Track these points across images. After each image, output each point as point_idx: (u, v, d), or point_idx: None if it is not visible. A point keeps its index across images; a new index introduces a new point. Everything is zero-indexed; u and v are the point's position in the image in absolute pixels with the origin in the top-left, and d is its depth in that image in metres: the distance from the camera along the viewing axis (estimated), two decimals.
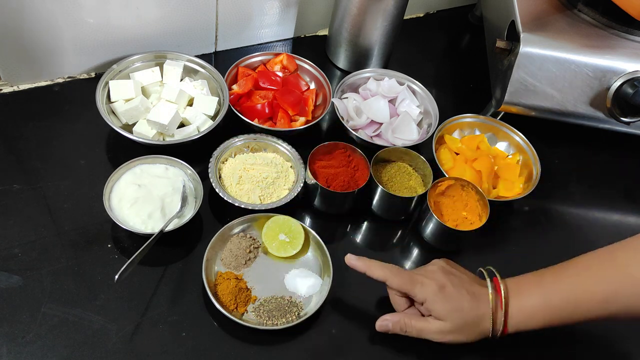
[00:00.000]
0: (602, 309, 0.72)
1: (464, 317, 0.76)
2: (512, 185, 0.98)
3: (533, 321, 0.76)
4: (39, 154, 0.92)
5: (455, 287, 0.77)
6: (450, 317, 0.76)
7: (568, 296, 0.74)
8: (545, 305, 0.75)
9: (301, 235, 0.87)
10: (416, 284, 0.77)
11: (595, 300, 0.72)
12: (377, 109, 1.02)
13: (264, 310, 0.80)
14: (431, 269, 0.80)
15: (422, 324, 0.78)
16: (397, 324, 0.79)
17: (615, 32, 0.99)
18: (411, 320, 0.78)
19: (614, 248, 0.75)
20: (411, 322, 0.78)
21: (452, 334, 0.77)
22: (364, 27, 1.07)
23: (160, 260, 0.84)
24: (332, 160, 0.94)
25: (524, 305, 0.76)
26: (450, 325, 0.76)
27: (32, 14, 0.90)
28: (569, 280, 0.75)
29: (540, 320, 0.75)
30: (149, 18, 1.00)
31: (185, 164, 0.89)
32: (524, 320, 0.76)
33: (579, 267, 0.75)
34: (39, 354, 0.73)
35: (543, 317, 0.75)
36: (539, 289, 0.76)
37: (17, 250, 0.81)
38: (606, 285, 0.72)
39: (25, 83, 1.00)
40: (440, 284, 0.77)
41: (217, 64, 1.09)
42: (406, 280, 0.78)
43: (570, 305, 0.74)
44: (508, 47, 0.98)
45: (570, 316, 0.74)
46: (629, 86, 0.94)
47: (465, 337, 0.78)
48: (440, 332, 0.77)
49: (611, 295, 0.72)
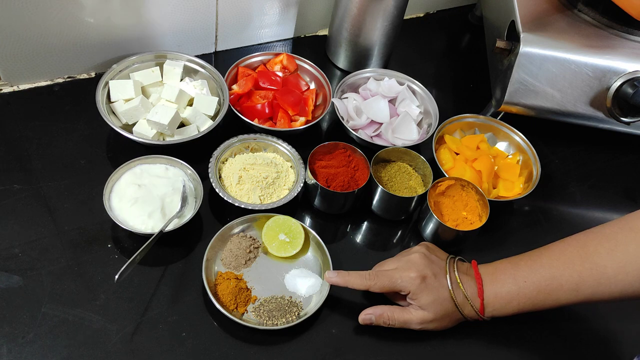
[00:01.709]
0: (572, 296, 0.77)
1: (445, 307, 0.80)
2: (512, 185, 0.98)
3: (507, 308, 0.79)
4: (39, 154, 0.92)
5: (437, 276, 0.80)
6: (432, 307, 0.79)
7: (540, 285, 0.78)
8: (519, 293, 0.79)
9: (301, 235, 0.87)
10: (396, 280, 0.80)
11: (565, 289, 0.77)
12: (377, 109, 1.02)
13: (264, 310, 0.80)
14: (412, 258, 0.82)
15: (405, 316, 0.80)
16: (380, 317, 0.81)
17: (615, 32, 0.99)
18: (394, 312, 0.81)
19: (586, 237, 0.79)
20: (394, 314, 0.81)
21: (433, 323, 0.80)
22: (364, 27, 1.07)
23: (160, 260, 0.84)
24: (332, 160, 0.94)
25: (499, 292, 0.79)
26: (433, 314, 0.79)
27: (32, 14, 0.90)
28: (542, 270, 0.78)
29: (514, 307, 0.79)
30: (149, 18, 1.00)
31: (185, 164, 0.89)
32: (499, 307, 0.80)
33: (552, 257, 0.79)
34: (39, 354, 0.73)
35: (517, 304, 0.79)
36: (514, 278, 0.79)
37: (17, 250, 0.81)
38: (576, 275, 0.76)
39: (25, 83, 1.00)
40: (422, 274, 0.79)
41: (217, 64, 1.09)
42: (386, 281, 0.80)
43: (542, 293, 0.78)
44: (508, 47, 0.98)
45: (542, 303, 0.79)
46: (629, 86, 0.94)
47: (446, 324, 0.81)
48: (422, 321, 0.80)
49: (580, 284, 0.76)
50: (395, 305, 0.83)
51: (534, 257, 0.80)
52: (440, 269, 0.81)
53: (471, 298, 0.79)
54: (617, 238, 0.76)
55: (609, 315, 0.90)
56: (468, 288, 0.80)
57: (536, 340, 0.86)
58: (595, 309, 0.91)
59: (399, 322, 0.81)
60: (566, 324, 0.88)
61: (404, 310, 0.81)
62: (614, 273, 0.75)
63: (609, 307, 0.91)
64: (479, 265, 0.83)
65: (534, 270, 0.79)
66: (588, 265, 0.76)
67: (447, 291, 0.79)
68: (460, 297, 0.80)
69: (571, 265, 0.77)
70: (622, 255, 0.75)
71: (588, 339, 0.88)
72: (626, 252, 0.75)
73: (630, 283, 0.74)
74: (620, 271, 0.74)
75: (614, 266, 0.75)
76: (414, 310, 0.80)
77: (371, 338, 0.82)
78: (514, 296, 0.79)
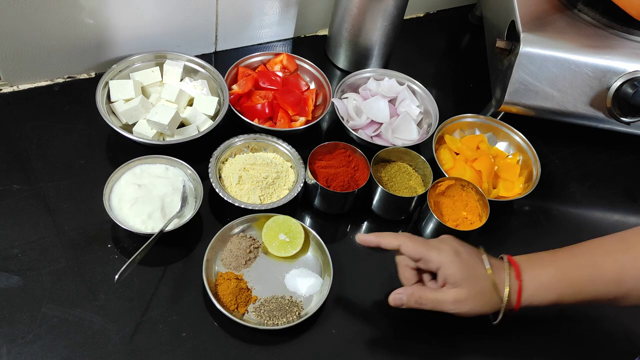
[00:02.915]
0: (613, 288, 0.72)
1: (480, 284, 0.74)
2: (512, 185, 0.98)
3: (546, 293, 0.74)
4: (39, 154, 0.92)
5: (471, 255, 0.76)
6: (466, 283, 0.74)
7: (582, 271, 0.73)
8: (560, 278, 0.74)
9: (301, 235, 0.87)
10: (432, 249, 0.76)
11: (607, 277, 0.72)
12: (377, 109, 1.02)
13: (265, 310, 0.80)
14: (444, 238, 0.78)
15: (438, 295, 0.75)
16: (411, 297, 0.76)
17: (615, 32, 0.99)
18: (425, 291, 0.76)
19: (624, 233, 0.76)
20: (426, 293, 0.76)
21: (467, 302, 0.74)
22: (364, 27, 1.07)
23: (160, 260, 0.84)
24: (332, 160, 0.94)
25: (538, 275, 0.74)
26: (467, 292, 0.74)
27: (33, 15, 0.90)
28: (584, 257, 0.74)
29: (553, 294, 0.74)
30: (149, 18, 0.99)
31: (185, 164, 0.89)
32: (537, 292, 0.74)
33: (592, 247, 0.75)
34: (39, 354, 0.73)
35: (556, 290, 0.74)
36: (553, 263, 0.75)
37: (17, 250, 0.81)
38: (618, 264, 0.72)
39: (25, 83, 1.00)
40: (455, 250, 0.75)
41: (217, 64, 1.09)
42: (421, 244, 0.76)
43: (584, 280, 0.73)
44: (508, 47, 0.98)
45: (581, 292, 0.73)
46: (629, 86, 0.94)
47: (480, 306, 0.75)
48: (456, 300, 0.74)
49: (622, 274, 0.72)
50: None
51: (572, 248, 0.76)
52: (474, 250, 0.77)
53: (509, 280, 0.74)
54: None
55: (611, 316, 0.90)
56: (505, 271, 0.74)
57: (537, 340, 0.86)
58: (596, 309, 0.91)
59: (430, 301, 0.75)
60: (567, 324, 0.88)
61: (437, 289, 0.76)
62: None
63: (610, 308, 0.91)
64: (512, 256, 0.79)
65: (574, 256, 0.75)
66: (631, 255, 0.72)
67: (483, 268, 0.74)
68: (498, 277, 0.74)
69: (613, 254, 0.73)
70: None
71: (589, 339, 0.88)
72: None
73: None
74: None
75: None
76: (447, 289, 0.75)
77: (371, 338, 0.82)
78: (554, 281, 0.74)
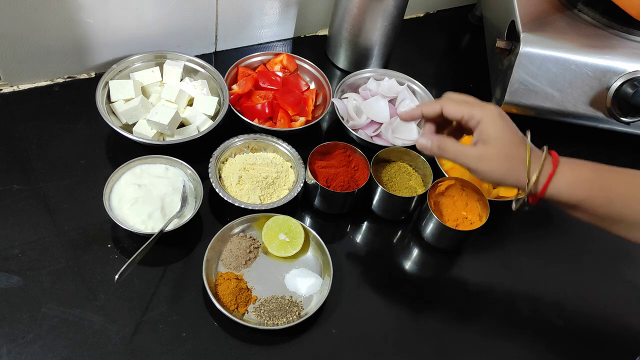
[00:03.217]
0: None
1: (513, 149, 0.71)
2: None
3: (576, 189, 0.70)
4: (39, 154, 0.92)
5: (513, 124, 0.73)
6: (498, 142, 0.71)
7: (620, 183, 0.70)
8: (595, 179, 0.70)
9: (301, 235, 0.87)
10: (475, 106, 0.73)
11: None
12: (377, 109, 1.02)
13: (265, 310, 0.80)
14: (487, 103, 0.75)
15: (462, 147, 0.73)
16: (436, 143, 0.73)
17: (615, 32, 0.99)
18: (451, 141, 0.74)
19: None
20: (451, 142, 0.73)
21: (492, 162, 0.71)
22: (364, 27, 1.07)
23: (160, 260, 0.84)
24: (332, 160, 0.94)
25: (575, 169, 0.71)
26: (495, 151, 0.71)
27: (33, 15, 0.90)
28: (628, 174, 0.71)
29: (582, 192, 0.70)
30: (149, 18, 0.99)
31: (185, 164, 0.89)
32: (568, 185, 0.70)
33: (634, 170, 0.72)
34: (39, 354, 0.73)
35: (587, 190, 0.70)
36: (594, 166, 0.72)
37: (17, 250, 0.81)
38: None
39: (25, 83, 1.00)
40: (500, 112, 0.72)
41: (217, 64, 1.09)
42: (464, 103, 0.74)
43: (619, 191, 0.70)
44: (508, 47, 0.98)
45: (612, 203, 0.70)
46: (629, 86, 0.94)
47: (504, 170, 0.71)
48: (481, 156, 0.71)
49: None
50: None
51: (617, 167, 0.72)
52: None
53: (544, 161, 0.70)
54: None
55: (611, 316, 0.90)
56: (543, 153, 0.71)
57: (537, 340, 0.86)
58: (595, 308, 0.91)
59: (454, 151, 0.73)
60: (567, 324, 0.88)
61: (464, 144, 0.73)
62: None
63: (610, 307, 0.91)
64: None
65: (618, 171, 0.71)
66: None
67: (521, 138, 0.71)
68: (534, 154, 0.71)
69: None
70: None
71: (589, 339, 0.88)
72: None
73: None
74: None
75: None
76: (475, 146, 0.72)
77: (371, 338, 0.82)
78: (587, 181, 0.70)
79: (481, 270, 0.93)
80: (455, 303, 0.88)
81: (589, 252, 0.98)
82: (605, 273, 0.96)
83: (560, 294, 0.92)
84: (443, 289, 0.90)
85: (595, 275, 0.95)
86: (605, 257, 0.98)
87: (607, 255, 0.98)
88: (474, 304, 0.89)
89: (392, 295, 0.87)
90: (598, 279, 0.95)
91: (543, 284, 0.92)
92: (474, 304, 0.89)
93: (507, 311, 0.89)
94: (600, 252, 0.98)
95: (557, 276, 0.94)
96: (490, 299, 0.90)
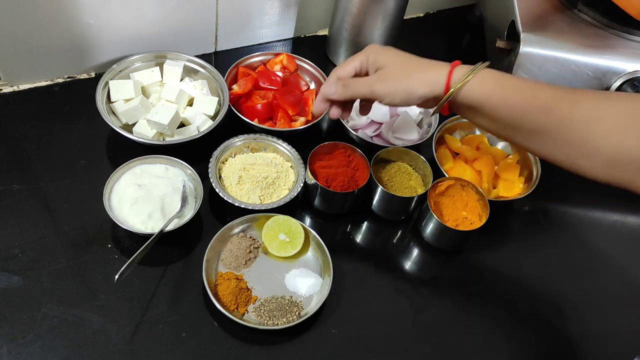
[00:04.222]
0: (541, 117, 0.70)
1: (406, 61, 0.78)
2: (512, 185, 0.98)
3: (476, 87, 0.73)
4: (39, 154, 0.92)
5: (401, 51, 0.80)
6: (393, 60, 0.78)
7: (520, 87, 0.72)
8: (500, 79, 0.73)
9: (301, 235, 0.87)
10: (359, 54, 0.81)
11: (538, 103, 0.71)
12: (377, 109, 1.02)
13: (265, 310, 0.80)
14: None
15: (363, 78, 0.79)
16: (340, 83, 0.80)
17: (615, 32, 0.99)
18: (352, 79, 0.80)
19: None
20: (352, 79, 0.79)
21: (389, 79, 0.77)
22: (364, 27, 1.07)
23: (160, 260, 0.84)
24: (332, 160, 0.94)
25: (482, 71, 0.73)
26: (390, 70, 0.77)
27: (33, 15, 0.90)
28: (524, 80, 0.74)
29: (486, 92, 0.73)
30: (149, 18, 0.99)
31: (185, 164, 0.89)
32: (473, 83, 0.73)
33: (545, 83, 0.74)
34: (39, 354, 0.73)
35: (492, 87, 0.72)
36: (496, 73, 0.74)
37: (17, 250, 0.81)
38: (556, 99, 0.70)
39: (25, 83, 1.00)
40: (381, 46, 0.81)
41: (217, 64, 1.09)
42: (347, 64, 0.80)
43: (517, 94, 0.72)
44: (508, 47, 0.98)
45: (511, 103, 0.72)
46: (629, 86, 0.94)
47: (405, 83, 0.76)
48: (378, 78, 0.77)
49: (554, 107, 0.70)
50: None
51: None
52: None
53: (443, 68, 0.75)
54: (612, 94, 0.70)
55: (610, 315, 0.90)
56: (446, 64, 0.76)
57: (537, 340, 0.86)
58: (595, 308, 0.91)
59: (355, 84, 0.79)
60: (566, 323, 0.88)
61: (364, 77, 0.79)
62: (588, 116, 0.68)
63: (610, 307, 0.91)
64: None
65: (519, 78, 0.75)
66: (572, 97, 0.70)
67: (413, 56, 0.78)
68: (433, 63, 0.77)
69: (557, 90, 0.71)
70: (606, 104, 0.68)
71: (589, 339, 0.88)
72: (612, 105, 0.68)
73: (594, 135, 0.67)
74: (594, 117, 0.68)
75: (593, 110, 0.68)
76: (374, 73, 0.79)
77: (371, 338, 0.82)
78: (489, 80, 0.73)
79: (481, 270, 0.93)
80: (455, 303, 0.88)
81: (589, 251, 0.98)
82: (605, 273, 0.96)
83: (560, 294, 0.92)
84: (443, 289, 0.90)
85: (595, 275, 0.95)
86: (606, 257, 0.98)
87: (607, 255, 0.98)
88: (474, 304, 0.89)
89: (392, 296, 0.87)
90: (598, 279, 0.95)
91: (543, 283, 0.93)
92: (474, 304, 0.89)
93: (507, 311, 0.89)
94: (600, 252, 0.98)
95: (557, 276, 0.94)
96: (490, 299, 0.90)
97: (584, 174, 0.71)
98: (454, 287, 0.90)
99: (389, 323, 0.84)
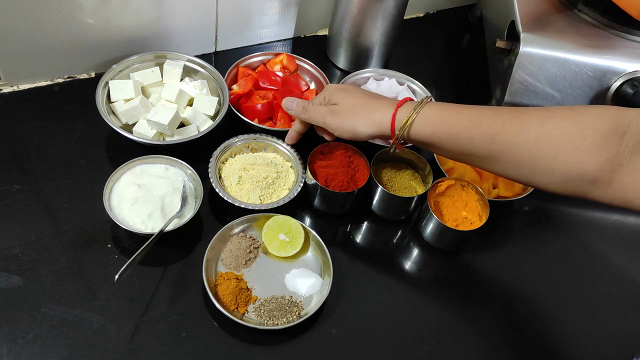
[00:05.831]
0: (487, 143, 0.73)
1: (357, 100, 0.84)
2: (512, 185, 0.98)
3: (422, 125, 0.78)
4: (39, 154, 0.92)
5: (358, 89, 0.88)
6: (344, 99, 0.84)
7: (462, 117, 0.76)
8: (440, 116, 0.77)
9: (301, 235, 0.87)
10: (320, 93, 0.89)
11: (483, 131, 0.74)
12: None
13: (265, 310, 0.80)
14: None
15: (321, 107, 0.86)
16: (301, 104, 0.89)
17: (615, 32, 0.99)
18: (313, 105, 0.88)
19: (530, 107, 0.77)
20: (312, 105, 0.88)
21: (339, 115, 0.84)
22: (364, 27, 1.07)
23: (160, 260, 0.84)
24: (332, 161, 0.94)
25: (427, 106, 0.78)
26: (341, 107, 0.84)
27: (33, 14, 0.90)
28: (470, 109, 0.77)
29: (429, 128, 0.77)
30: (148, 18, 1.00)
31: (185, 164, 0.89)
32: (418, 120, 0.78)
33: (486, 107, 0.77)
34: (39, 354, 0.73)
35: (433, 124, 0.77)
36: (438, 105, 0.79)
37: (17, 250, 0.81)
38: (500, 124, 0.73)
39: (25, 83, 1.00)
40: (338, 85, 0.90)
41: (217, 64, 1.09)
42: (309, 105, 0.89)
43: (461, 124, 0.75)
44: (508, 47, 0.98)
45: (456, 136, 0.76)
46: (629, 86, 0.94)
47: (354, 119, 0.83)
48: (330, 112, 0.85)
49: (499, 133, 0.73)
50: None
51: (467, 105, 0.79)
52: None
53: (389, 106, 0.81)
54: (555, 111, 0.72)
55: (610, 315, 0.90)
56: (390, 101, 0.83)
57: (537, 339, 0.86)
58: (595, 308, 0.91)
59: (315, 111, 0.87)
60: (566, 323, 0.88)
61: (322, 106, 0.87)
62: (535, 138, 0.71)
63: (610, 307, 0.91)
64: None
65: (462, 107, 0.77)
66: (515, 121, 0.73)
67: (368, 95, 0.85)
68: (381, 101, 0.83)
69: (500, 114, 0.74)
70: (551, 125, 0.71)
71: (588, 339, 0.88)
72: (557, 123, 0.71)
73: (544, 155, 0.71)
74: (541, 137, 0.70)
75: (538, 131, 0.71)
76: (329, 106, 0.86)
77: (371, 338, 0.82)
78: (433, 116, 0.77)
79: (481, 270, 0.93)
80: (455, 303, 0.88)
81: (589, 251, 0.98)
82: (605, 273, 0.96)
83: (560, 294, 0.92)
84: (443, 289, 0.90)
85: (595, 275, 0.95)
86: (606, 257, 0.98)
87: (607, 255, 0.98)
88: (473, 304, 0.89)
89: (392, 296, 0.87)
90: (598, 279, 0.95)
91: (543, 283, 0.93)
92: (474, 304, 0.89)
93: (507, 311, 0.89)
94: (600, 251, 0.98)
95: (557, 276, 0.94)
96: (490, 299, 0.90)
97: (543, 189, 0.74)
98: (454, 287, 0.90)
99: (389, 323, 0.84)
